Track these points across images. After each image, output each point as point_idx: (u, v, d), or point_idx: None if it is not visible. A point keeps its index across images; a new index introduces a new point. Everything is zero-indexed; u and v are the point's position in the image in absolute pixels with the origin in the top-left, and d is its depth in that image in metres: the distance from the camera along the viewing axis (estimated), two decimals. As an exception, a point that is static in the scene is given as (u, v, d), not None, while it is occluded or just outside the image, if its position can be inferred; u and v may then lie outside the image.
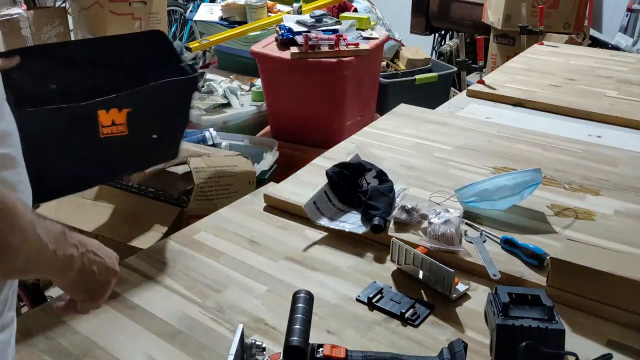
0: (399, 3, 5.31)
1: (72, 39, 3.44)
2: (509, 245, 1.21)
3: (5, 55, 1.33)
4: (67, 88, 1.51)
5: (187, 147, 2.02)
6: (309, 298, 0.91)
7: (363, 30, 2.79)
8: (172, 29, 5.03)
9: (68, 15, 3.42)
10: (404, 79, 3.36)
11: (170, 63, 1.57)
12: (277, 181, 1.53)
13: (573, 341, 0.97)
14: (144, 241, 1.64)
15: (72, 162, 1.43)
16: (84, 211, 1.95)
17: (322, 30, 2.61)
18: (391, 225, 1.29)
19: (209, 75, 3.11)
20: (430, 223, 1.22)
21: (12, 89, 0.90)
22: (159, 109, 1.49)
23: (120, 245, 1.79)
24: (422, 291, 1.12)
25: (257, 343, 0.90)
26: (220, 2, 3.88)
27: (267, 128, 2.81)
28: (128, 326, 1.02)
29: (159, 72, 1.50)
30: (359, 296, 1.10)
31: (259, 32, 3.16)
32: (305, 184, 1.48)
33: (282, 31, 2.62)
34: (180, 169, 2.03)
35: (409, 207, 1.30)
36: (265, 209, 1.42)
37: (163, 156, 1.66)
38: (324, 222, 1.30)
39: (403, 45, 3.79)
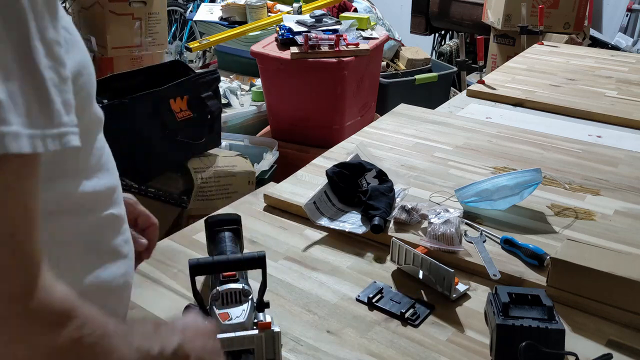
0: (399, 3, 5.32)
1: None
2: (509, 245, 1.21)
3: None
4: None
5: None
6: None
7: (363, 30, 2.79)
8: (172, 29, 5.03)
9: (68, 16, 3.42)
10: (404, 79, 3.36)
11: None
12: (277, 181, 1.53)
13: (573, 341, 0.97)
14: (144, 241, 1.64)
15: (160, 142, 1.90)
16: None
17: (322, 30, 2.61)
18: (391, 225, 1.29)
19: (208, 75, 3.12)
20: (430, 223, 1.22)
21: None
22: (200, 94, 1.99)
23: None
24: (422, 291, 1.12)
25: None
26: (220, 2, 3.89)
27: (267, 128, 2.81)
28: (128, 326, 1.02)
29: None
30: (359, 296, 1.10)
31: (259, 32, 3.17)
32: (305, 184, 1.48)
33: (282, 31, 2.62)
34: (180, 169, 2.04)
35: (409, 207, 1.29)
36: (265, 209, 1.42)
37: (215, 140, 2.14)
38: (324, 222, 1.30)
39: (403, 45, 3.79)
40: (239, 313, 0.83)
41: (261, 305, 0.86)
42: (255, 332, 0.82)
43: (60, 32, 0.50)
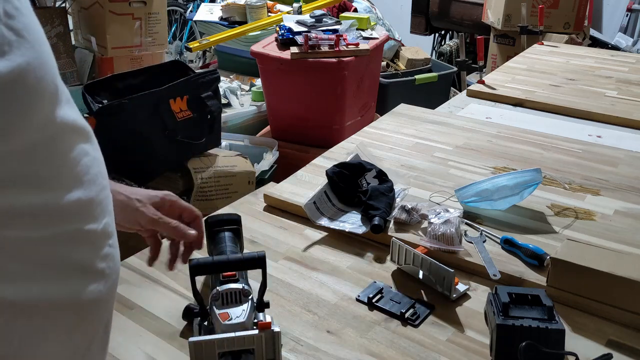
0: (399, 3, 5.32)
1: (72, 39, 3.45)
2: (509, 245, 1.21)
3: None
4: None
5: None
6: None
7: (363, 30, 2.80)
8: (172, 29, 5.03)
9: (68, 15, 3.42)
10: (404, 79, 3.36)
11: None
12: (277, 181, 1.53)
13: (573, 341, 0.97)
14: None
15: (160, 142, 1.90)
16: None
17: (322, 30, 2.61)
18: (391, 225, 1.29)
19: (209, 75, 3.12)
20: (430, 223, 1.22)
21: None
22: (200, 94, 2.00)
23: (120, 245, 1.79)
24: (422, 291, 1.12)
25: None
26: (220, 2, 3.89)
27: (267, 128, 2.81)
28: (128, 326, 1.02)
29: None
30: (359, 296, 1.10)
31: (259, 32, 3.17)
32: (305, 184, 1.48)
33: (282, 31, 2.62)
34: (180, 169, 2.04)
35: (409, 207, 1.30)
36: (265, 209, 1.42)
37: (215, 140, 2.14)
38: (324, 222, 1.30)
39: (403, 45, 3.79)
40: (239, 313, 0.83)
41: (261, 305, 0.86)
42: (255, 332, 0.82)
43: None
